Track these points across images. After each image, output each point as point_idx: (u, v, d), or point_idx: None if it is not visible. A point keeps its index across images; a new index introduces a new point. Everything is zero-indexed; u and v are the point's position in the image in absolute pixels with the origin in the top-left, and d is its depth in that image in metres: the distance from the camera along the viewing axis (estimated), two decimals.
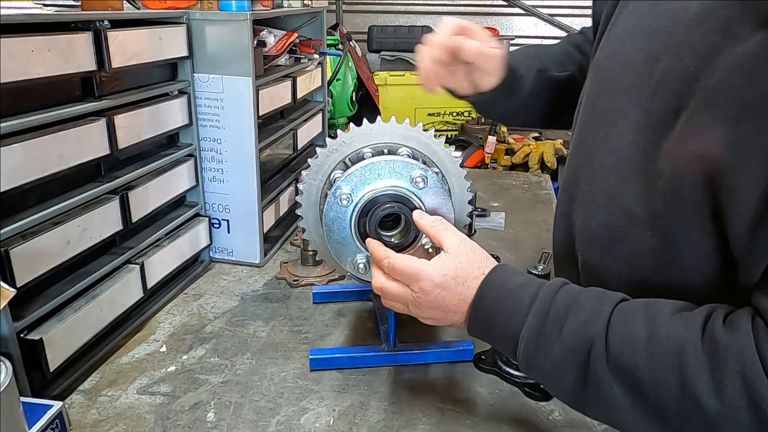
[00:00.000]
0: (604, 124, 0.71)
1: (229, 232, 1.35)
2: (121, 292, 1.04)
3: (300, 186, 0.90)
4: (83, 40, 0.91)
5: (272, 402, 0.92)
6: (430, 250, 0.84)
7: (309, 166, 0.88)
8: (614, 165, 0.69)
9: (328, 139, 0.87)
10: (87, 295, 0.97)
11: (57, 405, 0.82)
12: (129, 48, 1.01)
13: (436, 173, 0.83)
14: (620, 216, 0.68)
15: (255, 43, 1.27)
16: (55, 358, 0.88)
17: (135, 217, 1.06)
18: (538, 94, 0.93)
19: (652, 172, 0.64)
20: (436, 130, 2.05)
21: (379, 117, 0.88)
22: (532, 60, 0.94)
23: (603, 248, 0.70)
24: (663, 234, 0.64)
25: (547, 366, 0.64)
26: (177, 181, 1.21)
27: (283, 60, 1.46)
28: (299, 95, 1.51)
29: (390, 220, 0.85)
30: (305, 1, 1.59)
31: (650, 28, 0.67)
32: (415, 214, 0.78)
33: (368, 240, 0.79)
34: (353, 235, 0.83)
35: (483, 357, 1.01)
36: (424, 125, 0.87)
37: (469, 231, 1.16)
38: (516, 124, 1.06)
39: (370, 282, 0.88)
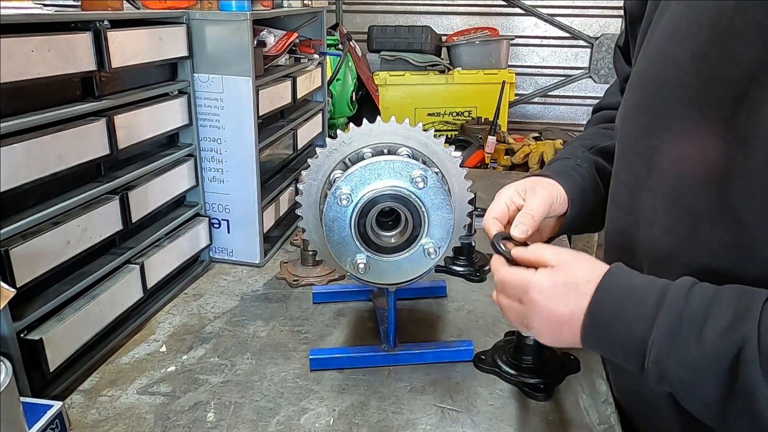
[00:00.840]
0: (655, 131, 0.69)
1: (229, 232, 1.35)
2: (121, 292, 1.04)
3: (300, 186, 0.90)
4: (83, 40, 0.91)
5: (272, 402, 0.92)
6: (431, 250, 0.84)
7: (309, 166, 0.88)
8: (674, 167, 0.67)
9: (328, 139, 0.87)
10: (87, 295, 0.97)
11: (57, 405, 0.82)
12: (129, 48, 1.01)
13: (436, 173, 0.83)
14: (685, 215, 0.65)
15: (255, 43, 1.27)
16: (55, 358, 0.88)
17: (135, 217, 1.06)
18: (603, 168, 0.90)
19: (719, 168, 0.61)
20: (436, 130, 2.05)
21: (379, 117, 0.88)
22: (572, 150, 0.93)
23: (667, 255, 0.68)
24: (736, 226, 0.60)
25: (684, 375, 0.57)
26: (177, 181, 1.21)
27: (283, 60, 1.46)
28: (299, 95, 1.51)
29: (390, 220, 0.85)
30: (305, 1, 1.59)
31: (693, 26, 0.66)
32: (515, 251, 0.71)
33: (493, 260, 0.75)
34: (353, 235, 0.83)
35: (483, 357, 1.01)
36: (424, 125, 0.87)
37: (469, 231, 1.17)
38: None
39: (370, 282, 0.89)
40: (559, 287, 0.63)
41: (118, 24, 0.99)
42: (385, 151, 0.86)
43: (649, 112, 0.71)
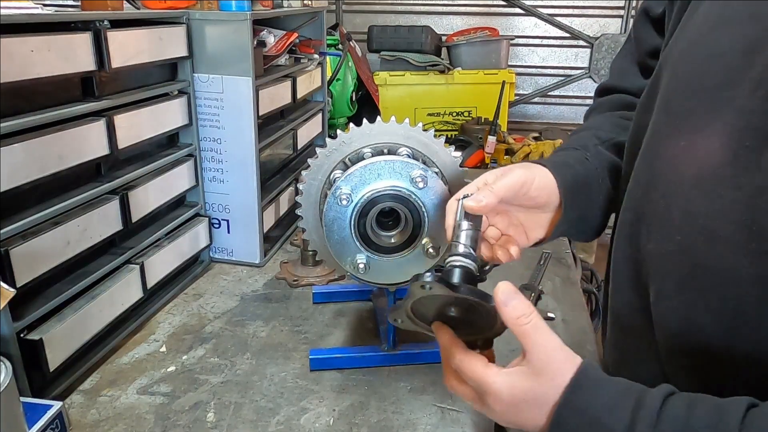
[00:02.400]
0: (684, 130, 0.59)
1: (229, 232, 1.35)
2: (121, 292, 1.04)
3: (300, 186, 0.90)
4: (83, 40, 0.91)
5: (272, 402, 0.92)
6: (431, 250, 0.84)
7: (309, 166, 0.88)
8: (696, 177, 0.57)
9: (328, 139, 0.87)
10: (87, 295, 0.97)
11: (57, 405, 0.82)
12: (129, 48, 1.01)
13: (436, 173, 0.83)
14: (703, 239, 0.56)
15: (255, 43, 1.27)
16: (55, 358, 0.88)
17: (135, 217, 1.06)
18: (616, 167, 0.77)
19: (750, 185, 0.52)
20: (436, 130, 2.05)
21: (379, 117, 0.88)
22: (583, 142, 0.79)
23: (683, 278, 0.58)
24: (764, 257, 0.51)
25: None
26: (177, 181, 1.21)
27: (283, 60, 1.46)
28: (299, 95, 1.51)
29: (390, 220, 0.85)
30: (305, 1, 1.59)
31: (745, 13, 0.56)
32: (503, 290, 0.56)
33: (436, 327, 0.65)
34: (353, 235, 0.83)
35: None
36: (424, 125, 0.87)
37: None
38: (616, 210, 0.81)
39: (370, 282, 0.88)
40: (519, 403, 0.56)
41: (118, 24, 0.99)
42: (385, 151, 0.86)
43: (682, 109, 0.61)
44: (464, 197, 0.66)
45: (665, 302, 0.60)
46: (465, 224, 0.65)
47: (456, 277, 0.61)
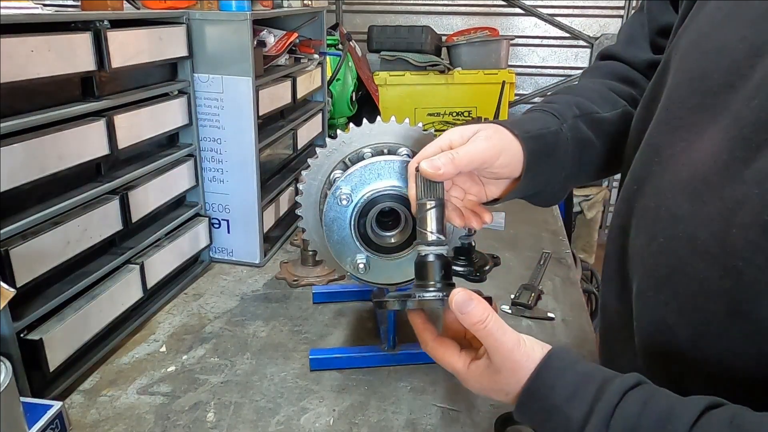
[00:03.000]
0: (685, 129, 0.57)
1: (229, 232, 1.35)
2: (121, 292, 1.04)
3: (300, 186, 0.90)
4: (83, 40, 0.91)
5: (272, 402, 0.92)
6: None
7: (309, 166, 0.88)
8: (687, 181, 0.55)
9: (328, 139, 0.87)
10: (87, 295, 0.97)
11: (57, 405, 0.82)
12: (129, 48, 1.01)
13: None
14: (683, 244, 0.54)
15: (255, 43, 1.27)
16: (55, 358, 0.88)
17: (135, 217, 1.06)
18: (589, 145, 0.75)
19: (731, 198, 0.50)
20: (436, 130, 2.05)
21: (379, 117, 0.88)
22: (563, 109, 0.75)
23: (661, 278, 0.57)
24: (738, 277, 0.49)
25: None
26: (177, 181, 1.21)
27: (283, 60, 1.46)
28: (299, 95, 1.51)
29: (390, 220, 0.85)
30: (305, 1, 1.59)
31: (758, 9, 0.53)
32: (456, 300, 0.58)
33: (410, 315, 0.67)
34: (353, 235, 0.83)
35: None
36: (424, 125, 0.87)
37: (469, 231, 1.17)
38: (579, 183, 0.83)
39: (370, 282, 0.88)
40: (487, 390, 0.60)
41: (118, 24, 0.99)
42: (385, 151, 0.86)
43: (685, 106, 0.58)
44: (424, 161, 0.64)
45: (643, 300, 0.60)
46: (429, 203, 0.65)
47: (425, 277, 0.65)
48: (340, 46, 2.66)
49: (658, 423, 0.48)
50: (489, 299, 0.60)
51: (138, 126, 1.07)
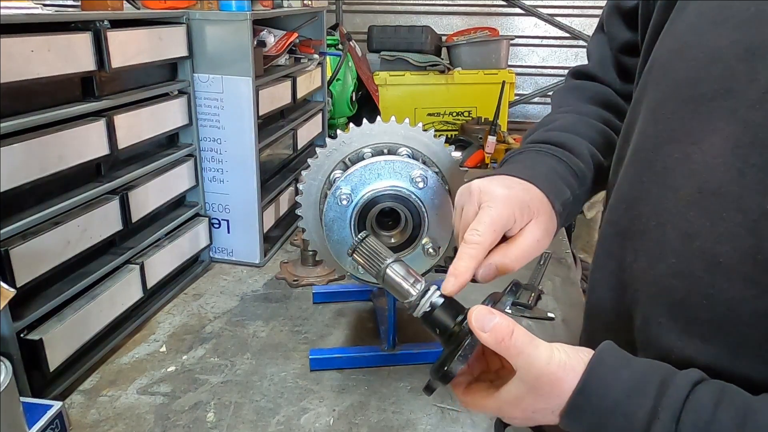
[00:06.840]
0: (678, 141, 0.54)
1: (229, 232, 1.35)
2: (121, 292, 1.04)
3: (300, 186, 0.90)
4: (83, 40, 0.91)
5: (272, 402, 0.92)
6: (431, 250, 0.84)
7: (309, 166, 0.88)
8: (695, 195, 0.51)
9: (328, 139, 0.87)
10: (87, 295, 0.97)
11: (57, 405, 0.82)
12: (129, 48, 1.01)
13: (436, 173, 0.83)
14: (700, 263, 0.51)
15: (255, 43, 1.27)
16: (55, 358, 0.88)
17: (135, 217, 1.06)
18: (592, 191, 0.78)
19: (754, 208, 0.47)
20: (436, 130, 2.05)
21: (379, 117, 0.88)
22: (585, 170, 0.75)
23: (675, 303, 0.53)
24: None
25: None
26: (177, 181, 1.21)
27: (283, 60, 1.46)
28: (299, 95, 1.51)
29: (390, 220, 0.85)
30: (305, 1, 1.59)
31: (746, 12, 0.51)
32: (476, 316, 0.54)
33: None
34: (353, 235, 0.83)
35: None
36: (424, 125, 0.87)
37: None
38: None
39: (370, 282, 0.88)
40: (528, 414, 0.55)
41: (118, 24, 0.99)
42: (385, 151, 0.86)
43: (674, 118, 0.55)
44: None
45: (655, 328, 0.55)
46: (383, 268, 0.60)
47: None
48: (340, 46, 2.66)
49: (735, 419, 0.45)
50: (495, 294, 0.59)
51: (138, 126, 1.07)
